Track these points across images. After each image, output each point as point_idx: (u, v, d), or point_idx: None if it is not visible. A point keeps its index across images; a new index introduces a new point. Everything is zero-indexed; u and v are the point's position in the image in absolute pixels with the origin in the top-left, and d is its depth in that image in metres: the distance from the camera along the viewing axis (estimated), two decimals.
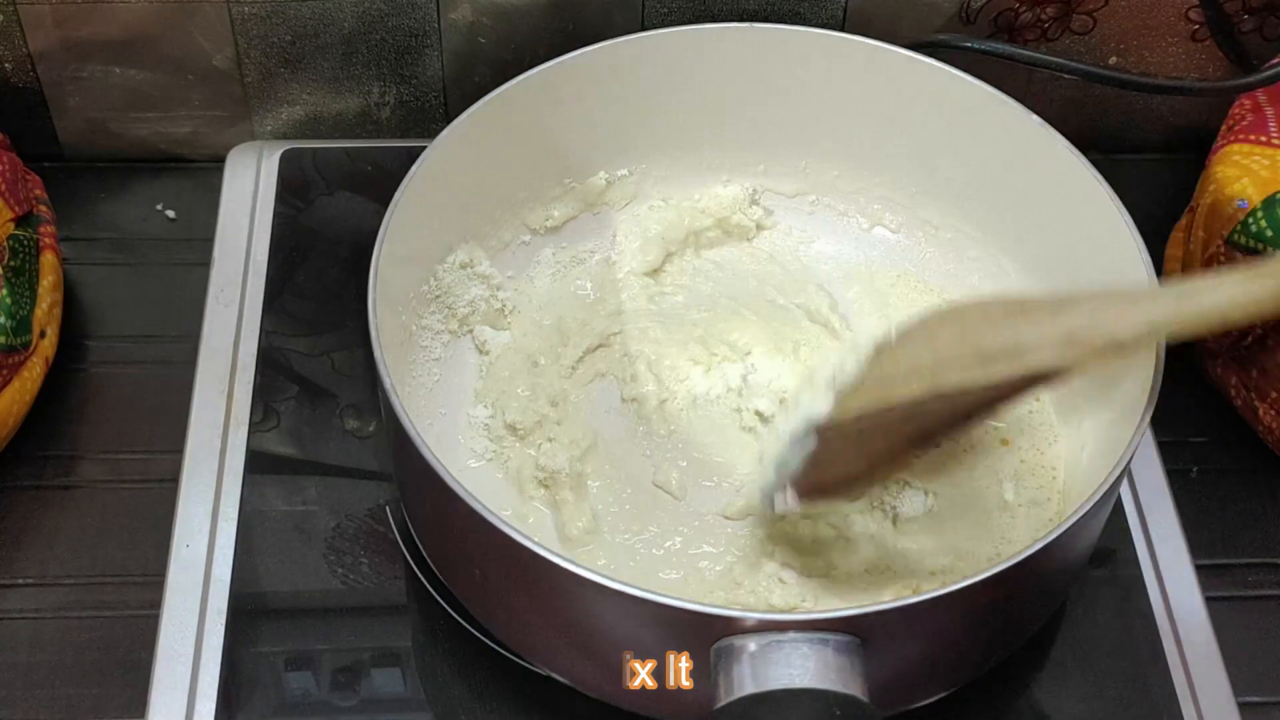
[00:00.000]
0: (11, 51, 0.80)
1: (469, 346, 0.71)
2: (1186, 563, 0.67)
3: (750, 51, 0.71)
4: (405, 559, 0.66)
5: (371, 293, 0.59)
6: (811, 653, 0.49)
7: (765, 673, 0.49)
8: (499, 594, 0.58)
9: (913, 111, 0.71)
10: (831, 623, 0.49)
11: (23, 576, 0.68)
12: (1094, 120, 0.85)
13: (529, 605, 0.56)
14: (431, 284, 0.69)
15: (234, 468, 0.68)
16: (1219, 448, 0.74)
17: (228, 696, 0.61)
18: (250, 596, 0.65)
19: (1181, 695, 0.63)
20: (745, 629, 0.50)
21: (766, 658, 0.49)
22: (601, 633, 0.54)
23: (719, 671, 0.50)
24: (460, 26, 0.81)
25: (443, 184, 0.66)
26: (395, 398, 0.56)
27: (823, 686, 0.48)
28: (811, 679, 0.48)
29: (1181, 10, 0.81)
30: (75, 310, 0.78)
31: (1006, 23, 0.81)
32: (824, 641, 0.49)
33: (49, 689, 0.64)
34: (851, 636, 0.49)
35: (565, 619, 0.55)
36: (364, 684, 0.62)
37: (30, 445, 0.72)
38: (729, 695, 0.49)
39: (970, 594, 0.51)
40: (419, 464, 0.54)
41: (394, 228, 0.62)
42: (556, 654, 0.58)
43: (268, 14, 0.79)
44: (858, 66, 0.71)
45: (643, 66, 0.71)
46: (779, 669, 0.48)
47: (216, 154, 0.83)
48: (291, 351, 0.74)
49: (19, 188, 0.73)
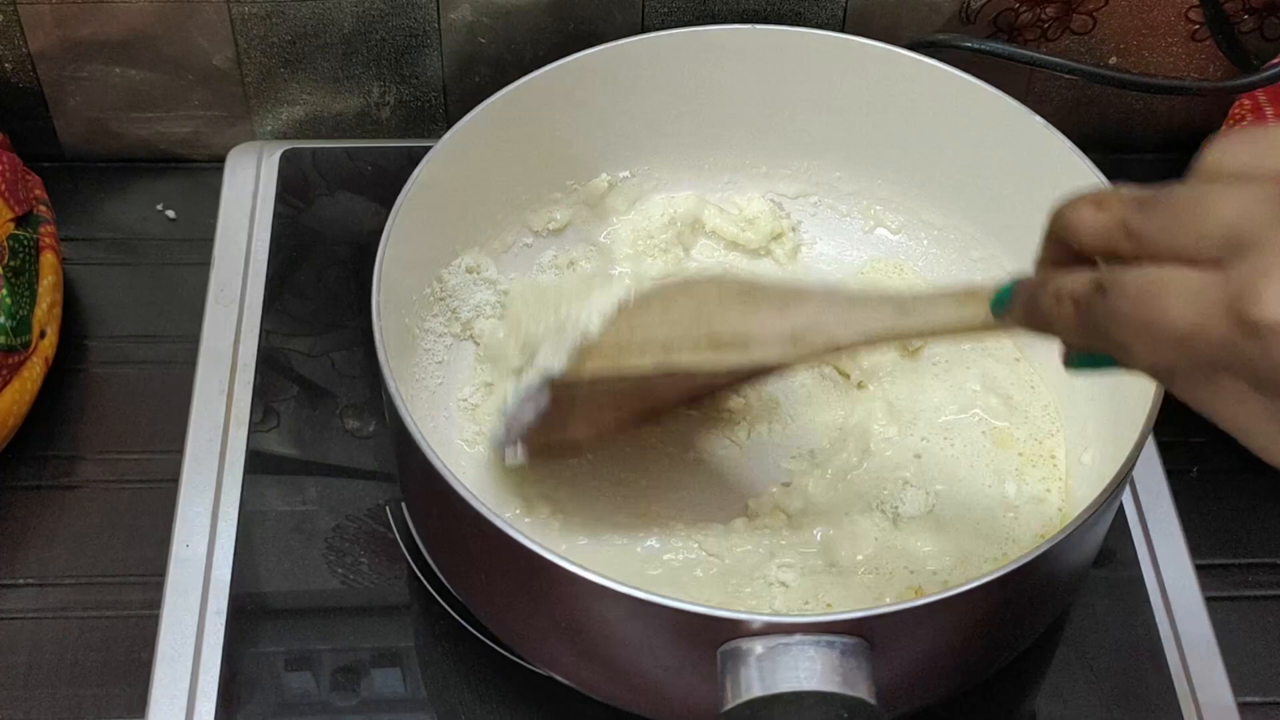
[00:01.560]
0: (11, 51, 0.80)
1: (471, 350, 0.71)
2: (1186, 563, 0.67)
3: (753, 53, 0.71)
4: (405, 559, 0.66)
5: (375, 295, 0.59)
6: (818, 655, 0.49)
7: (772, 675, 0.49)
8: (502, 595, 0.58)
9: (915, 112, 0.71)
10: (838, 625, 0.49)
11: (23, 576, 0.68)
12: (1094, 120, 0.85)
13: (533, 608, 0.56)
14: (435, 287, 0.69)
15: (234, 468, 0.68)
16: (1219, 448, 0.74)
17: (228, 696, 0.61)
18: (250, 596, 0.65)
19: (1181, 695, 0.63)
20: (752, 632, 0.50)
21: (773, 660, 0.49)
22: (606, 636, 0.54)
23: (725, 674, 0.50)
24: (460, 26, 0.81)
25: (446, 187, 0.66)
26: (400, 400, 0.56)
27: (830, 689, 0.48)
28: (819, 681, 0.48)
29: (1181, 10, 0.81)
30: (75, 310, 0.78)
31: (1006, 23, 0.81)
32: (831, 644, 0.49)
33: (49, 689, 0.64)
34: (858, 639, 0.49)
35: (569, 621, 0.55)
36: (364, 684, 0.62)
37: (30, 445, 0.72)
38: (736, 698, 0.49)
39: (977, 596, 0.51)
40: (422, 465, 0.54)
41: (397, 232, 0.62)
42: (559, 656, 0.58)
43: (268, 14, 0.79)
44: (860, 68, 0.71)
45: (645, 68, 0.71)
46: (786, 671, 0.48)
47: (216, 154, 0.83)
48: (291, 351, 0.74)
49: (19, 188, 0.73)
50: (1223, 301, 0.37)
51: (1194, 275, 0.38)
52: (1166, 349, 0.38)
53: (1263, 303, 0.36)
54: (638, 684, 0.56)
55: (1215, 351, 0.37)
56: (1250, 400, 0.39)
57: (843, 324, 0.54)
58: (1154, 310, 0.38)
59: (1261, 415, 0.40)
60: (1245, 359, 0.37)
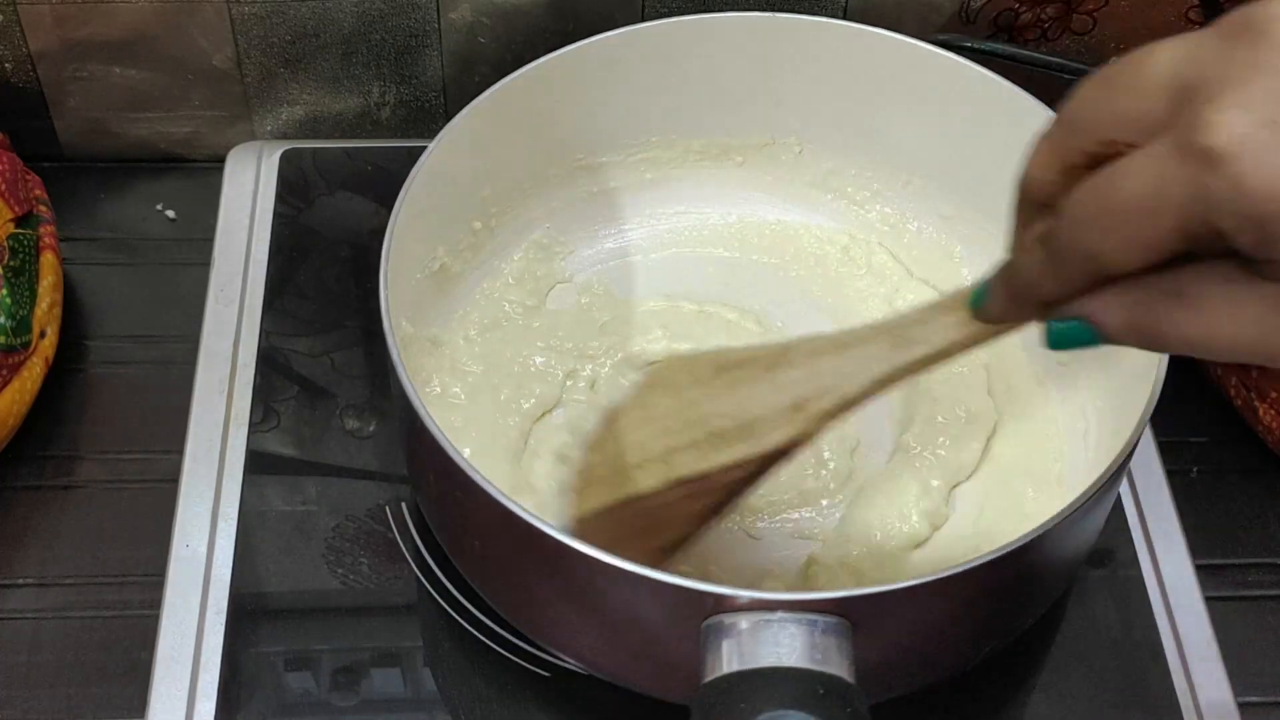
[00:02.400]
0: (11, 51, 0.80)
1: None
2: (1186, 563, 0.67)
3: (760, 42, 0.71)
4: (405, 559, 0.66)
5: (383, 290, 0.59)
6: (799, 632, 0.49)
7: (752, 650, 0.49)
8: (496, 564, 0.58)
9: (925, 102, 0.71)
10: (821, 603, 0.50)
11: (23, 576, 0.68)
12: None
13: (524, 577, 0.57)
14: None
15: (234, 468, 0.68)
16: (1219, 448, 0.74)
17: (228, 696, 0.61)
18: (250, 596, 0.65)
19: (1181, 695, 0.63)
20: (736, 607, 0.50)
21: (755, 636, 0.49)
22: (596, 606, 0.55)
23: (707, 648, 0.50)
24: (460, 26, 0.81)
25: (447, 179, 0.66)
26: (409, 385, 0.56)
27: (808, 666, 0.48)
28: (798, 658, 0.49)
29: (1181, 10, 0.81)
30: (75, 310, 0.78)
31: (1006, 23, 0.81)
32: (813, 622, 0.49)
33: (49, 689, 0.64)
34: (840, 618, 0.50)
35: (561, 592, 0.55)
36: (364, 684, 0.62)
37: (30, 445, 0.72)
38: (715, 671, 0.49)
39: (963, 580, 0.51)
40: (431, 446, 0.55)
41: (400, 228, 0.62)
42: (553, 628, 0.59)
43: (268, 14, 0.79)
44: (874, 57, 0.71)
45: (647, 56, 0.71)
46: (766, 647, 0.49)
47: (216, 154, 0.83)
48: (291, 351, 0.74)
49: (19, 188, 0.73)
50: (1174, 149, 0.34)
51: (1144, 147, 0.35)
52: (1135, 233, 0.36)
53: (1212, 128, 0.33)
54: (625, 656, 0.57)
55: (1183, 209, 0.34)
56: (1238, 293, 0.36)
57: (843, 375, 0.50)
58: (1110, 194, 0.36)
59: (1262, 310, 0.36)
60: (1215, 199, 0.34)
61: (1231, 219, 0.34)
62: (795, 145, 0.76)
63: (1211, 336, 0.37)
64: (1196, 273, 0.37)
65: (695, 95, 0.74)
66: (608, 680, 0.59)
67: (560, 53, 0.69)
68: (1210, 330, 0.37)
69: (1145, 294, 0.38)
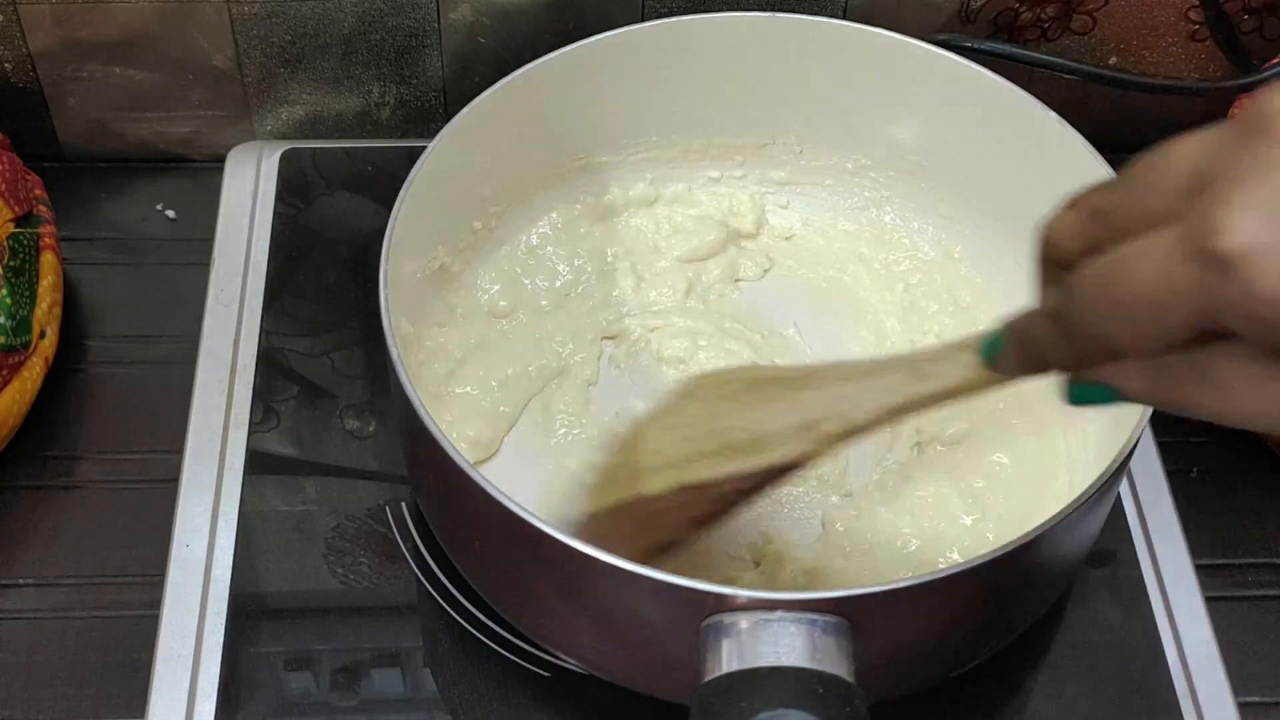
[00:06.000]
0: (11, 51, 0.80)
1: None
2: (1186, 563, 0.67)
3: (760, 42, 0.71)
4: (405, 559, 0.66)
5: (383, 290, 0.59)
6: (799, 632, 0.49)
7: (752, 650, 0.49)
8: (498, 568, 0.58)
9: (925, 102, 0.71)
10: (820, 603, 0.50)
11: (23, 576, 0.68)
12: (1094, 120, 0.85)
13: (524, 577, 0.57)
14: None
15: (234, 468, 0.68)
16: (1219, 448, 0.74)
17: (228, 696, 0.61)
18: (250, 596, 0.65)
19: (1181, 695, 0.63)
20: (735, 606, 0.50)
21: (754, 635, 0.49)
22: (595, 606, 0.55)
23: (706, 647, 0.50)
24: (460, 26, 0.81)
25: (447, 179, 0.66)
26: (409, 385, 0.56)
27: (808, 665, 0.49)
28: (797, 658, 0.49)
29: (1181, 10, 0.81)
30: (75, 310, 0.78)
31: (1006, 23, 0.81)
32: (812, 622, 0.49)
33: (49, 689, 0.64)
34: (840, 618, 0.50)
35: (561, 592, 0.55)
36: (364, 684, 0.63)
37: (30, 445, 0.72)
38: (714, 671, 0.49)
39: (963, 580, 0.51)
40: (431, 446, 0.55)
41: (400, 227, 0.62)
42: (553, 628, 0.59)
43: (268, 14, 0.79)
44: (874, 57, 0.71)
45: (647, 56, 0.71)
46: (766, 646, 0.49)
47: (216, 154, 0.83)
48: (291, 351, 0.74)
49: (19, 188, 0.73)
50: (1184, 247, 0.34)
51: (1155, 236, 0.35)
52: (1145, 326, 0.36)
53: (1222, 231, 0.33)
54: (624, 656, 0.57)
55: (1192, 307, 0.34)
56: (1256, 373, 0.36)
57: (855, 401, 0.51)
58: (1120, 286, 0.36)
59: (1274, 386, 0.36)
60: (1224, 302, 0.34)
61: (1241, 321, 0.34)
62: (795, 145, 0.76)
63: (1233, 410, 0.37)
64: (1214, 353, 0.36)
65: (695, 95, 0.74)
66: (608, 680, 0.59)
67: (560, 53, 0.69)
68: (1232, 406, 0.37)
69: (1165, 368, 0.38)
